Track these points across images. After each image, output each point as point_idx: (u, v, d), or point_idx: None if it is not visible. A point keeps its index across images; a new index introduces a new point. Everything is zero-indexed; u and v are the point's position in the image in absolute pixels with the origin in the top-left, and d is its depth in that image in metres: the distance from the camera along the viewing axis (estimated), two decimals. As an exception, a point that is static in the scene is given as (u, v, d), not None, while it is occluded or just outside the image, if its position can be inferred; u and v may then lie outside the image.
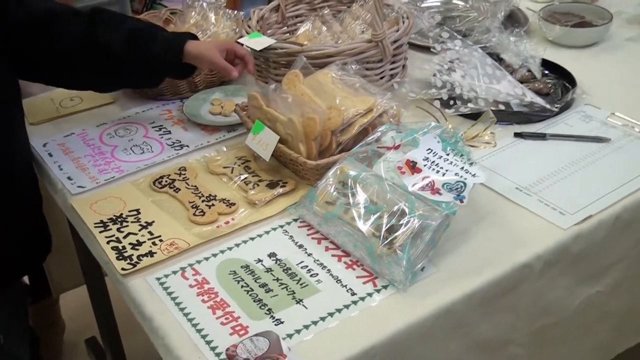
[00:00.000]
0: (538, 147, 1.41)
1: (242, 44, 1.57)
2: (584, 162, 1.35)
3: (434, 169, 1.18)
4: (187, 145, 1.49)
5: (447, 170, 1.18)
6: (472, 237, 1.19)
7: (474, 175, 1.16)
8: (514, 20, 1.92)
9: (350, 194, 1.19)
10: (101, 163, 1.45)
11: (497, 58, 1.66)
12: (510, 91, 1.46)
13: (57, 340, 2.24)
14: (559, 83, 1.60)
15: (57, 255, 1.90)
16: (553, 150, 1.40)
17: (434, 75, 1.51)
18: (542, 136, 1.43)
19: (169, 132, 1.54)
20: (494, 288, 1.12)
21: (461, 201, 1.13)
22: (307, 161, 1.27)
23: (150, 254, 1.19)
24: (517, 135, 1.44)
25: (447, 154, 1.20)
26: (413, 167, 1.18)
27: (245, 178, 1.36)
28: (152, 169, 1.42)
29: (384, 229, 1.12)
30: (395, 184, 1.17)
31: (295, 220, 1.26)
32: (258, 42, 1.56)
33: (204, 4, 1.79)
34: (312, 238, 1.21)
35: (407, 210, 1.12)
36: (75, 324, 2.30)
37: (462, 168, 1.18)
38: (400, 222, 1.11)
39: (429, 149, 1.21)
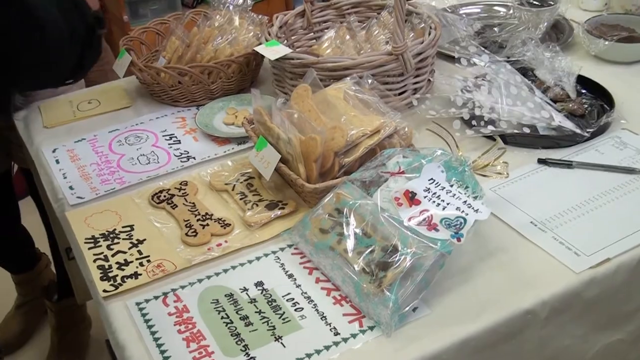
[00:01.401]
0: (562, 176, 1.30)
1: (258, 52, 1.51)
2: (609, 196, 1.24)
3: (434, 202, 1.09)
4: (194, 157, 1.44)
5: (447, 204, 1.09)
6: (475, 275, 1.10)
7: (476, 211, 1.07)
8: (558, 31, 1.80)
9: (344, 223, 1.11)
10: (105, 172, 1.41)
11: (532, 74, 1.55)
12: (536, 114, 1.35)
13: (81, 338, 2.24)
14: (595, 103, 1.48)
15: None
16: (578, 180, 1.29)
17: (456, 93, 1.41)
18: (568, 164, 1.32)
19: (179, 142, 1.49)
20: (490, 335, 1.03)
21: (458, 239, 1.04)
22: (305, 184, 1.20)
23: (135, 275, 1.15)
24: (541, 161, 1.33)
25: (451, 185, 1.11)
26: (412, 198, 1.10)
27: (245, 197, 1.30)
28: (154, 182, 1.38)
29: (373, 265, 1.04)
30: (392, 216, 1.09)
31: (290, 246, 1.19)
32: (274, 50, 1.49)
33: (230, 7, 1.73)
34: (304, 267, 1.15)
35: (399, 246, 1.04)
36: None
37: (465, 202, 1.08)
38: (391, 259, 1.03)
39: (431, 178, 1.12)
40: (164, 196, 1.32)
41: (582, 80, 1.52)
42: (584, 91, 1.52)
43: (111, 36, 3.07)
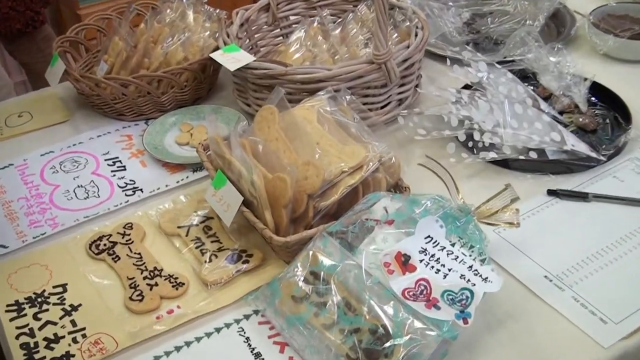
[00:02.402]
0: (577, 211, 1.10)
1: (213, 60, 1.28)
2: (635, 240, 1.04)
3: (432, 267, 0.89)
4: (141, 190, 1.21)
5: (449, 270, 0.88)
6: (482, 354, 0.90)
7: (485, 280, 0.87)
8: (559, 22, 1.58)
9: (323, 291, 0.91)
10: (35, 211, 1.18)
11: (534, 77, 1.35)
12: (545, 136, 1.15)
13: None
14: (608, 115, 1.28)
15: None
16: (596, 218, 1.09)
17: (449, 109, 1.19)
18: (583, 196, 1.12)
19: (124, 168, 1.27)
20: None
21: (465, 321, 0.84)
22: (273, 236, 0.99)
23: (67, 357, 0.93)
24: (551, 193, 1.13)
25: (452, 244, 0.91)
26: (405, 263, 0.89)
27: (202, 244, 1.08)
28: (93, 224, 1.15)
29: (360, 352, 0.84)
30: (381, 284, 0.88)
31: (257, 312, 0.98)
32: (234, 58, 1.26)
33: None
34: (274, 343, 0.94)
35: (391, 329, 0.83)
36: None
37: (471, 268, 0.88)
38: (382, 347, 0.83)
39: (428, 236, 0.91)
40: (105, 245, 1.10)
41: (591, 86, 1.31)
42: (593, 99, 1.31)
43: (60, 17, 2.79)
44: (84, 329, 0.97)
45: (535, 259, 1.02)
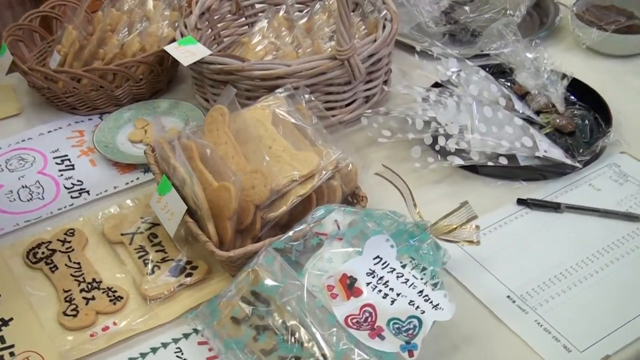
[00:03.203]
0: (548, 224, 1.03)
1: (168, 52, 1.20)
2: (607, 257, 0.97)
3: (379, 291, 0.82)
4: (88, 192, 1.14)
5: (398, 295, 0.82)
6: (435, 381, 0.84)
7: (435, 307, 0.80)
8: (542, 11, 1.50)
9: (263, 313, 0.84)
10: (-25, 214, 1.12)
11: (510, 72, 1.27)
12: (516, 142, 1.07)
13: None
14: (588, 116, 1.20)
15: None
16: (568, 231, 1.02)
17: (415, 110, 1.12)
18: (555, 207, 1.05)
19: (72, 167, 1.20)
20: None
21: (411, 353, 0.77)
22: (215, 251, 0.92)
23: (-8, 378, 0.87)
24: (521, 202, 1.06)
25: (403, 266, 0.84)
26: (350, 286, 0.82)
27: (145, 254, 1.01)
28: (35, 228, 1.08)
29: (298, 385, 0.78)
30: (325, 308, 0.82)
31: (197, 331, 0.92)
32: (188, 51, 1.19)
33: (143, -15, 1.41)
34: (213, 366, 0.88)
35: (331, 360, 0.77)
36: None
37: (421, 293, 0.81)
38: (321, 380, 0.76)
39: (377, 256, 0.84)
40: (43, 253, 1.03)
41: (571, 83, 1.23)
42: (573, 97, 1.23)
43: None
44: (12, 346, 0.91)
45: (499, 277, 0.95)
